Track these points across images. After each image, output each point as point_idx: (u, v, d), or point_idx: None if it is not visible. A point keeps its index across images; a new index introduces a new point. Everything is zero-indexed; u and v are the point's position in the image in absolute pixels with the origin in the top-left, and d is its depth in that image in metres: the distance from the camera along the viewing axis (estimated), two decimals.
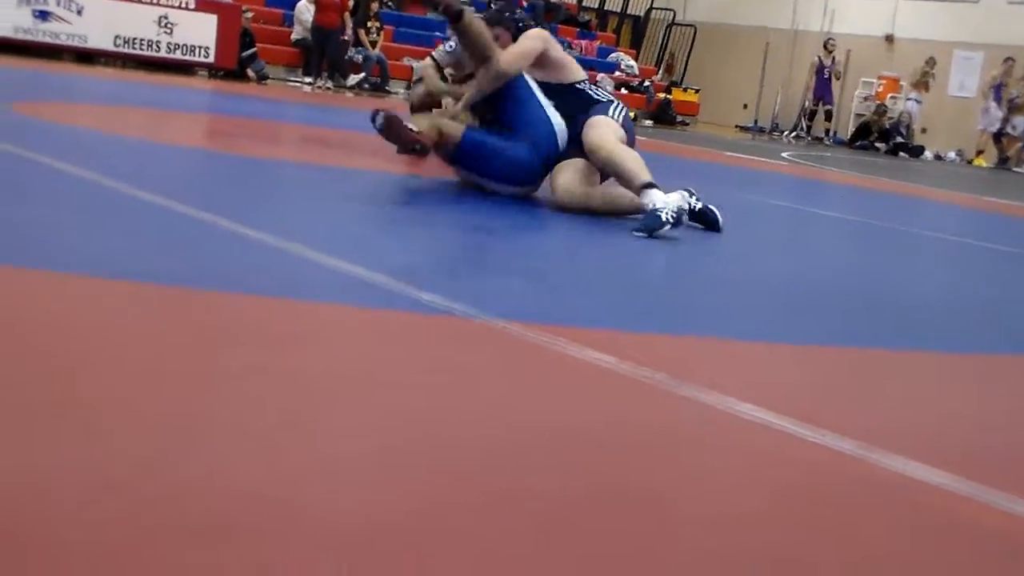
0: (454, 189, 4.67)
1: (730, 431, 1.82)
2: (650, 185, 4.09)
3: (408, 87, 14.29)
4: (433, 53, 5.61)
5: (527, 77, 4.57)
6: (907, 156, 19.00)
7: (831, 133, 20.46)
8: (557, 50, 4.63)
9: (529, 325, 2.33)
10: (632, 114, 5.00)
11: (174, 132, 6.74)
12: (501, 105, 4.49)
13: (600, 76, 17.45)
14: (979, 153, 18.94)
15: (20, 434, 1.41)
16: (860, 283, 3.77)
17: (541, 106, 4.54)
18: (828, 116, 20.62)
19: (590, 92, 4.61)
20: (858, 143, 19.81)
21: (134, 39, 13.75)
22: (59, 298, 2.16)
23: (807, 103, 20.62)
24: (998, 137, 18.82)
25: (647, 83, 19.73)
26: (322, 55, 15.44)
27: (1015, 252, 5.64)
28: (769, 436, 1.80)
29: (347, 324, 2.26)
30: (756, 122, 21.12)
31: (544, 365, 2.10)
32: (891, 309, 3.28)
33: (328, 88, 15.29)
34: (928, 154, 19.64)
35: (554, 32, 14.58)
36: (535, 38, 4.54)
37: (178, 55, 14.09)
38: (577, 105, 4.52)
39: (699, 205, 4.38)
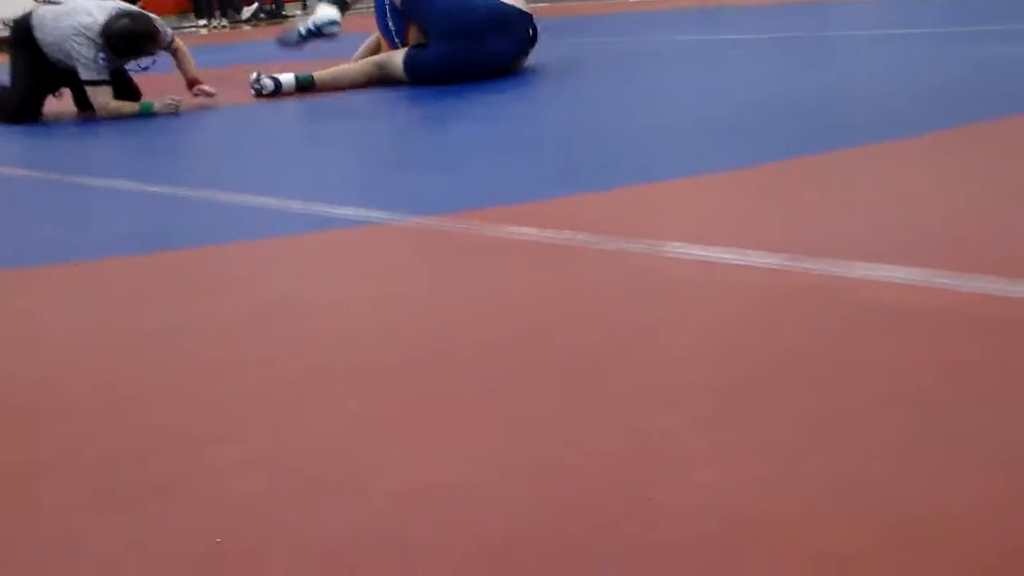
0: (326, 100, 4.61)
1: (658, 273, 1.81)
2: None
3: (304, 6, 13.98)
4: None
5: None
6: None
7: None
8: None
9: (444, 216, 2.31)
10: None
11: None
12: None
13: None
14: None
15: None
16: (772, 100, 3.75)
17: None
18: None
19: None
20: None
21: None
22: None
23: None
24: None
25: None
26: None
27: (933, 32, 5.62)
28: (697, 269, 1.79)
29: (268, 255, 2.23)
30: None
31: (464, 251, 2.08)
32: (808, 116, 3.26)
33: (224, 26, 14.94)
34: None
35: None
36: None
37: None
38: None
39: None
